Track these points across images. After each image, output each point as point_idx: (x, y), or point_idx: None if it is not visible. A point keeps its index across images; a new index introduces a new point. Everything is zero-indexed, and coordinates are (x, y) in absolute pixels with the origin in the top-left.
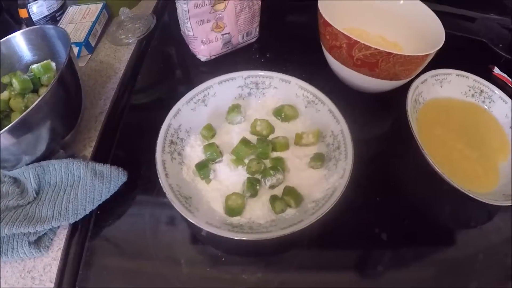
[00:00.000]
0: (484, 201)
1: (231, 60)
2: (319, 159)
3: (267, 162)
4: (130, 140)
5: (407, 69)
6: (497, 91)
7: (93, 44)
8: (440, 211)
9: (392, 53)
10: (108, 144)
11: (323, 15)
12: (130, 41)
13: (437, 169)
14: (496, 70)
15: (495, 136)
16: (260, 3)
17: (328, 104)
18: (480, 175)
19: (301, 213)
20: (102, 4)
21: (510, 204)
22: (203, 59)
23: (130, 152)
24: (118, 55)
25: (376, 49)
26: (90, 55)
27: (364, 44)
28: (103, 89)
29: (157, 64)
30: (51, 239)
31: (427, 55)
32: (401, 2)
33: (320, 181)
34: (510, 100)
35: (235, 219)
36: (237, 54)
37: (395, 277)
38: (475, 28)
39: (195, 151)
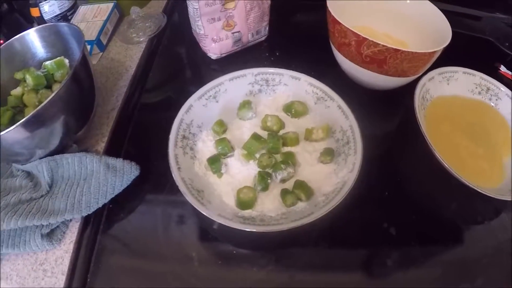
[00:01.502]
0: (492, 196)
1: (241, 58)
2: (328, 154)
3: (278, 157)
4: (141, 137)
5: (415, 66)
6: (504, 89)
7: (104, 43)
8: (447, 207)
9: (400, 49)
10: (120, 140)
11: (332, 13)
12: (141, 39)
13: (445, 164)
14: (503, 68)
15: (501, 133)
16: (270, 2)
17: (337, 100)
18: (487, 171)
19: (312, 206)
20: (113, 3)
21: None
22: (213, 57)
23: (142, 148)
24: (129, 53)
25: (384, 46)
26: (101, 53)
27: (372, 41)
28: (115, 86)
29: (168, 63)
30: (64, 232)
31: (434, 52)
32: (408, 1)
33: (330, 175)
34: None
35: (247, 212)
36: (247, 52)
37: (404, 271)
38: (481, 27)
39: (206, 146)
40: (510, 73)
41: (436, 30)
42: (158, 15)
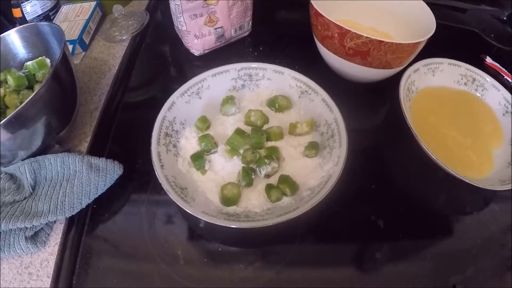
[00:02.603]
0: (480, 186)
1: (224, 54)
2: (313, 148)
3: (262, 152)
4: (125, 135)
5: (399, 57)
6: (489, 79)
7: (87, 42)
8: (436, 198)
9: (383, 41)
10: (103, 139)
11: (315, 6)
12: (124, 38)
13: (432, 155)
14: (488, 60)
15: (488, 123)
16: None
17: (321, 93)
18: (474, 161)
19: (297, 201)
20: (95, 2)
21: (507, 189)
22: (196, 53)
23: (125, 147)
24: (112, 52)
25: (367, 37)
26: (84, 52)
27: (355, 33)
28: (98, 86)
29: (151, 60)
30: (48, 234)
31: (418, 43)
32: None
33: (315, 169)
34: (502, 87)
35: (231, 209)
36: (231, 47)
37: (393, 264)
38: (467, 19)
39: (190, 143)
40: (496, 64)
41: (420, 22)
42: (141, 13)
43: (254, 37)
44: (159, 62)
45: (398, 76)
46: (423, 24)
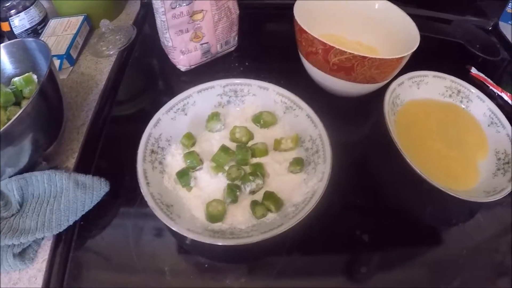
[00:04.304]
0: (464, 199)
1: (211, 69)
2: (298, 164)
3: (247, 169)
4: (112, 151)
5: (383, 72)
6: (474, 90)
7: (74, 56)
8: (421, 211)
9: (367, 56)
10: (90, 155)
11: (299, 22)
12: (111, 52)
13: (415, 168)
14: (474, 71)
15: (473, 135)
16: (238, 12)
17: (305, 109)
18: (460, 173)
19: (282, 217)
20: (83, 16)
21: (491, 200)
22: (183, 69)
23: (113, 163)
24: (99, 67)
25: (351, 53)
26: (71, 67)
27: (339, 49)
28: (85, 101)
29: (138, 75)
30: (36, 251)
31: (401, 58)
32: (376, 6)
33: (299, 185)
34: (487, 98)
35: (217, 225)
36: (217, 63)
37: (379, 278)
38: (452, 30)
39: (176, 160)
40: (481, 74)
41: (405, 35)
42: (128, 27)
43: (241, 51)
44: (146, 77)
45: (383, 89)
46: (407, 37)
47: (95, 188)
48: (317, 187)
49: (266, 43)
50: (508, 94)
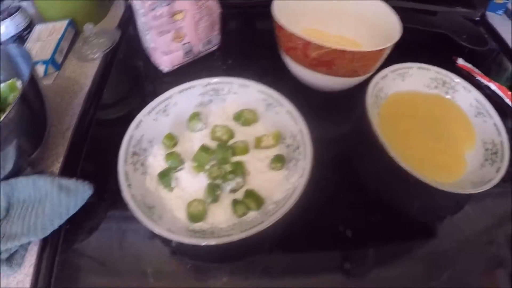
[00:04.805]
0: (450, 191)
1: (194, 69)
2: (279, 161)
3: (228, 167)
4: (97, 154)
5: (364, 65)
6: (460, 81)
7: (59, 61)
8: (407, 205)
9: (346, 50)
10: (75, 159)
11: (276, 18)
12: (96, 56)
13: (398, 161)
14: (460, 61)
15: (460, 126)
16: (220, 10)
17: (286, 105)
18: (446, 165)
19: (262, 215)
20: (67, 21)
21: (479, 192)
22: (165, 70)
23: (98, 166)
24: (84, 71)
25: (329, 47)
26: (57, 72)
27: (317, 43)
28: (70, 106)
29: (123, 77)
30: (23, 256)
31: (382, 50)
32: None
33: (281, 182)
34: (473, 89)
35: (198, 225)
36: (200, 62)
37: (362, 274)
38: (437, 22)
39: (158, 161)
40: (468, 65)
41: (387, 28)
42: (112, 30)
43: (223, 50)
44: (131, 79)
45: (367, 83)
46: (389, 30)
47: (79, 192)
48: (298, 183)
49: (249, 40)
50: (496, 83)
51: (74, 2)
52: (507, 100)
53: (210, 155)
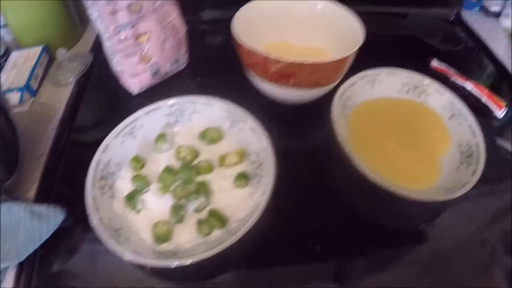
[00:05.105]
0: (420, 199)
1: (163, 88)
2: (242, 178)
3: (192, 187)
4: (71, 178)
5: (327, 76)
6: (432, 84)
7: (35, 88)
8: (380, 215)
9: (305, 62)
10: (50, 184)
11: (236, 35)
12: (69, 80)
13: (365, 171)
14: (434, 63)
15: (434, 129)
16: (185, 29)
17: (249, 122)
18: (420, 171)
19: (226, 234)
20: (42, 47)
21: (451, 198)
22: (135, 91)
23: (72, 189)
24: (58, 96)
25: (287, 61)
26: (33, 98)
27: (275, 58)
28: (45, 131)
29: (96, 100)
30: (1, 282)
31: (343, 59)
32: (319, 7)
33: (245, 199)
34: (446, 91)
35: (163, 246)
36: (169, 82)
37: None
38: (410, 24)
39: (125, 183)
40: (442, 66)
41: (351, 34)
42: (85, 54)
43: (192, 68)
44: (103, 101)
45: (335, 91)
46: (353, 36)
47: (51, 217)
48: (261, 200)
49: (217, 57)
50: (473, 83)
51: (48, 28)
52: (484, 99)
53: (174, 176)
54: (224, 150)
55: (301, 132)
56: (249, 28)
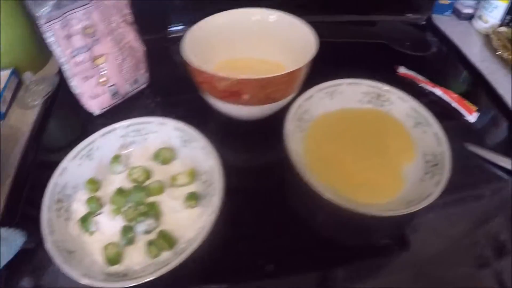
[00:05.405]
0: (375, 214)
1: (124, 109)
2: (192, 198)
3: (143, 208)
4: (36, 199)
5: (278, 90)
6: (395, 92)
7: (3, 111)
8: (336, 232)
9: (251, 78)
10: (15, 206)
11: (184, 54)
12: (36, 103)
13: (316, 187)
14: (402, 70)
15: (398, 139)
16: (144, 49)
17: (200, 141)
18: (383, 183)
19: (174, 255)
20: (10, 70)
21: (410, 212)
22: (96, 113)
23: (37, 210)
24: (26, 118)
25: (232, 78)
26: (1, 121)
27: (220, 76)
28: (12, 154)
29: (61, 122)
30: None
31: (294, 72)
32: (271, 19)
33: (195, 220)
34: (410, 98)
35: (114, 268)
36: (130, 102)
37: None
38: (377, 32)
39: (81, 206)
40: (410, 72)
41: (305, 46)
42: (52, 76)
43: (152, 88)
44: (68, 123)
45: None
46: (306, 45)
47: (12, 240)
48: (209, 220)
49: (177, 75)
50: (442, 88)
51: (17, 52)
52: (455, 104)
53: (126, 198)
54: (177, 170)
55: (257, 149)
56: (204, 46)
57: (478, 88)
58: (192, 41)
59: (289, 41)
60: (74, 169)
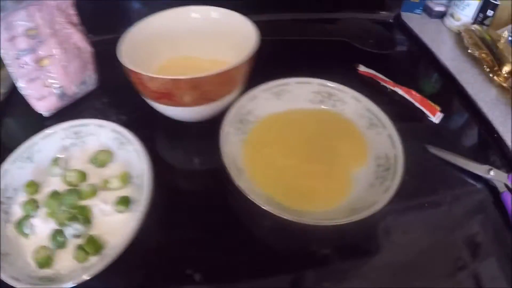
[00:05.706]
0: (311, 224)
1: (73, 110)
2: (123, 203)
3: (75, 212)
4: None
5: (212, 90)
6: (349, 91)
7: None
8: (272, 241)
9: (179, 78)
10: None
11: (118, 55)
12: None
13: (248, 194)
14: (362, 68)
15: (349, 141)
16: (91, 50)
17: (133, 143)
18: (327, 190)
19: (100, 261)
20: None
21: (349, 221)
22: (45, 114)
23: None
24: None
25: (161, 78)
26: None
27: (149, 76)
28: None
29: (14, 124)
30: None
31: (228, 71)
32: (212, 15)
33: (124, 224)
34: (364, 98)
35: (43, 271)
36: (79, 103)
37: None
38: (338, 30)
39: (20, 208)
40: (370, 71)
41: (248, 43)
42: (7, 77)
43: (101, 89)
44: (20, 124)
45: None
46: (249, 42)
47: None
48: (136, 226)
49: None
50: (403, 88)
51: None
52: (417, 104)
53: (58, 201)
54: (112, 173)
55: (197, 153)
56: (146, 47)
57: (446, 88)
58: (132, 42)
59: (232, 39)
60: (15, 171)
